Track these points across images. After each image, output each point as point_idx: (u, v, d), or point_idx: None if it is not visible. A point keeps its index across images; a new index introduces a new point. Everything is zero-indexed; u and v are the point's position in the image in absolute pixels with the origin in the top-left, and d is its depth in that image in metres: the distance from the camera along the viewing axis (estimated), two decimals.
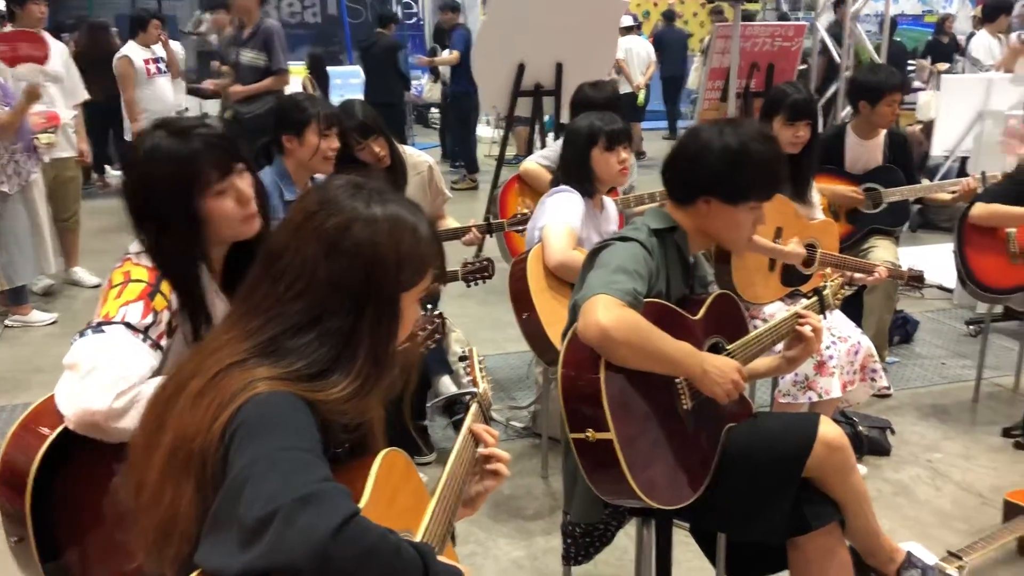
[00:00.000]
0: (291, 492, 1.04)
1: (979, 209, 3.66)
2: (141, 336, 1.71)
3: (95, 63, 6.88)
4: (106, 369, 1.64)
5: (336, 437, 1.31)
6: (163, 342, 1.75)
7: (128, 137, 6.93)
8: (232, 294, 1.58)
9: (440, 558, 1.18)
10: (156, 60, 6.91)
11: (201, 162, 1.74)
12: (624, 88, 9.46)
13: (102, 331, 1.70)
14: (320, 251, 1.25)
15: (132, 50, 6.80)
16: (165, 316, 1.76)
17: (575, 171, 3.17)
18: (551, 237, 3.02)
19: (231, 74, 5.87)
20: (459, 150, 9.50)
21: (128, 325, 1.70)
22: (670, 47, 11.12)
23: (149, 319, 1.73)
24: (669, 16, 11.53)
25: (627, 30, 9.63)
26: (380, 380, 1.30)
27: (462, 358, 1.81)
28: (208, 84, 7.21)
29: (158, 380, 1.68)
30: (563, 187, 3.21)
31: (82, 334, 1.71)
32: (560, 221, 3.06)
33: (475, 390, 1.71)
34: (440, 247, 1.38)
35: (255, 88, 5.62)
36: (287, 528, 1.02)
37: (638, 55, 10.25)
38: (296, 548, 1.01)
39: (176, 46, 8.02)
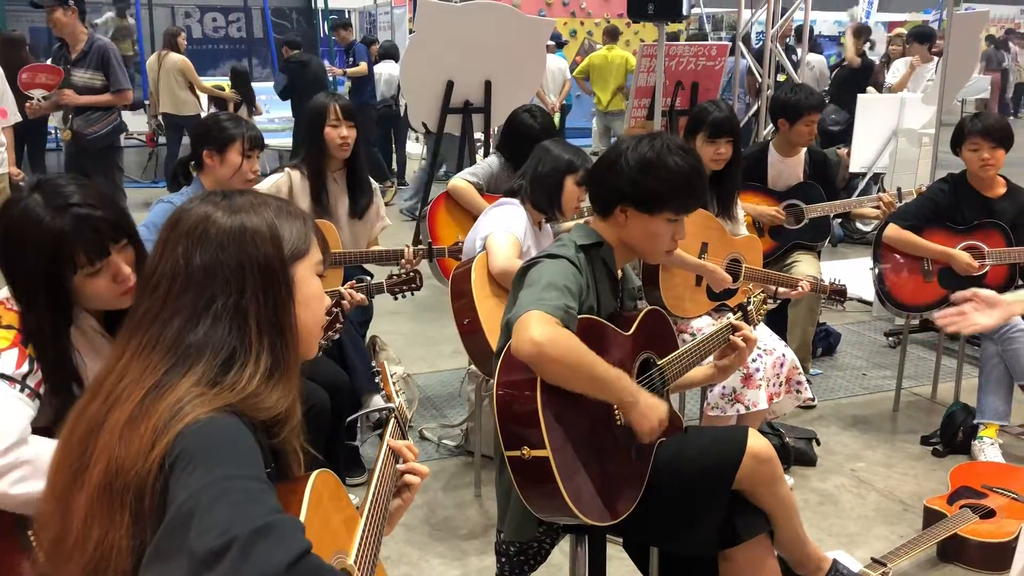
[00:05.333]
0: (247, 523, 1.02)
1: (892, 231, 3.79)
2: (18, 386, 1.63)
3: (9, 80, 6.64)
4: None
5: (265, 458, 1.29)
6: (41, 389, 1.67)
7: None
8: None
9: None
10: None
11: (71, 244, 1.67)
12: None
13: None
14: (188, 247, 1.25)
15: None
16: None
17: (546, 192, 3.17)
18: (496, 245, 3.04)
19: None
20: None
21: (3, 376, 1.63)
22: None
23: (25, 367, 1.65)
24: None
25: None
26: (289, 353, 1.29)
27: (374, 372, 1.79)
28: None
29: (38, 443, 1.62)
30: (508, 199, 3.23)
31: None
32: (505, 230, 3.08)
33: (391, 405, 1.69)
34: (314, 224, 1.38)
35: (92, 100, 5.62)
36: (243, 560, 1.00)
37: (552, 74, 10.15)
38: None
39: None
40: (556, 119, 10.14)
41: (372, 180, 3.64)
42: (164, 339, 1.23)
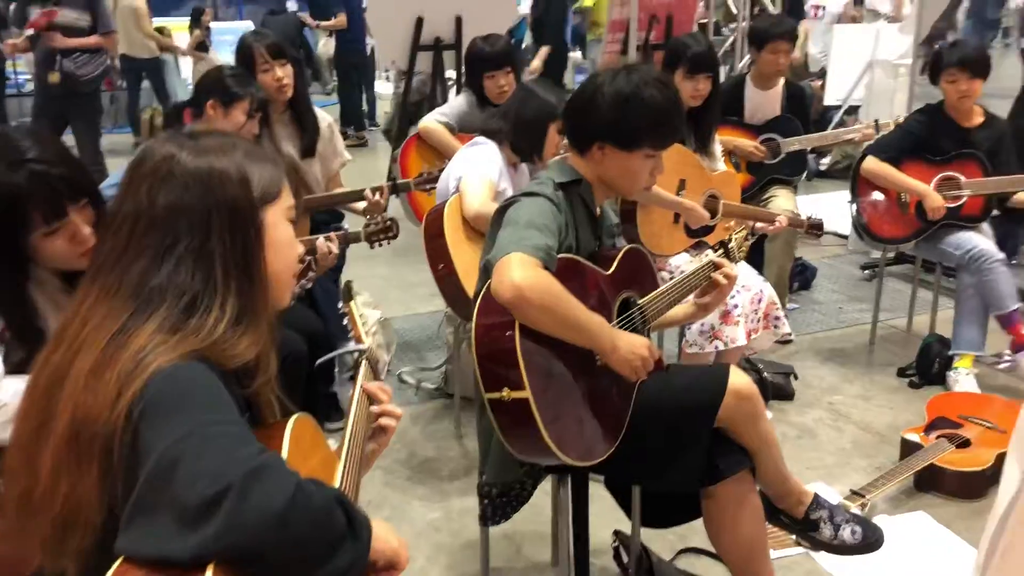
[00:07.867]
0: (239, 467, 1.01)
1: (870, 164, 3.77)
2: None
3: None
4: None
5: (239, 407, 1.25)
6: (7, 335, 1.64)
7: None
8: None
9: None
10: None
11: (27, 203, 1.59)
12: None
13: None
14: (151, 186, 1.21)
15: None
16: None
17: (528, 137, 3.04)
18: (470, 187, 2.97)
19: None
20: (344, 106, 9.31)
21: None
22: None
23: None
24: None
25: None
26: (258, 298, 1.24)
27: (342, 315, 1.73)
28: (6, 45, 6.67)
29: (13, 382, 1.58)
30: (481, 139, 3.16)
31: None
32: (479, 173, 3.01)
33: (362, 347, 1.65)
34: (285, 168, 1.33)
35: (80, 43, 5.58)
36: (243, 503, 0.99)
37: None
38: (256, 521, 0.99)
39: None
40: None
41: (323, 115, 3.53)
42: (127, 283, 1.18)
